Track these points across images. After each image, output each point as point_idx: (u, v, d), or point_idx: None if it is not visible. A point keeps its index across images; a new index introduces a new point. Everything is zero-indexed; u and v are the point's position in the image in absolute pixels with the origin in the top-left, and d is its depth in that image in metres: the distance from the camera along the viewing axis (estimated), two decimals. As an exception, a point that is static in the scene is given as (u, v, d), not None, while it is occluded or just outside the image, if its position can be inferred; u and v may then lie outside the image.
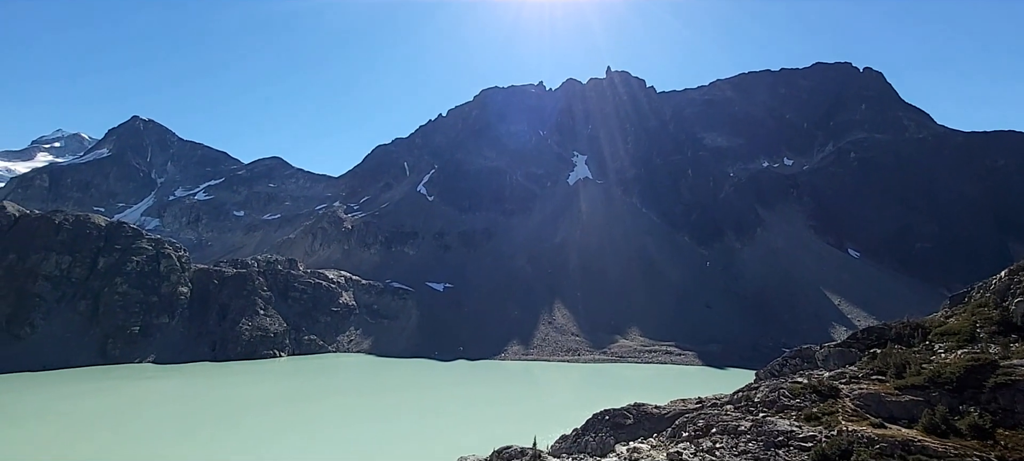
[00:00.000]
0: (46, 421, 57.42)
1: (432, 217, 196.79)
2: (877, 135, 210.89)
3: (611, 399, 35.35)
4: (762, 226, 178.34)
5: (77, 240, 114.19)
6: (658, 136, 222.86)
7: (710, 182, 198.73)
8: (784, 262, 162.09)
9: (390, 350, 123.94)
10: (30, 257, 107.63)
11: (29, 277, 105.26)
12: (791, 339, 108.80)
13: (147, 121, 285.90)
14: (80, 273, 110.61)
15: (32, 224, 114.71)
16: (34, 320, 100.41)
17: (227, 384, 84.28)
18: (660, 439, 18.97)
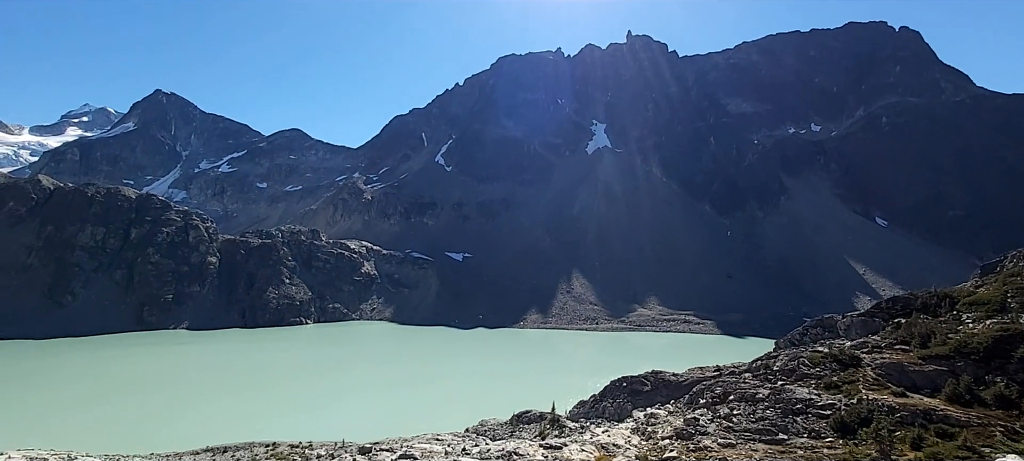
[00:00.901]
0: (89, 383, 60.85)
1: (450, 187, 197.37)
2: (911, 98, 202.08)
3: (629, 367, 35.86)
4: (786, 195, 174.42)
5: (109, 212, 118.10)
6: (680, 103, 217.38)
7: (733, 150, 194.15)
8: (808, 231, 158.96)
9: (411, 318, 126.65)
10: (67, 228, 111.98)
11: (67, 247, 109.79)
12: (813, 309, 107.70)
13: (169, 95, 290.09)
14: (114, 244, 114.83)
15: (66, 197, 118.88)
16: (74, 288, 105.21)
17: (257, 349, 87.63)
18: (677, 406, 19.31)
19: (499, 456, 14.17)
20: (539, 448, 14.84)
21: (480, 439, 24.72)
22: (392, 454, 19.48)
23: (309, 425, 38.21)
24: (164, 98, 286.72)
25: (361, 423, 39.47)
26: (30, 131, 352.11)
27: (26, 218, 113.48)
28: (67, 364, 71.46)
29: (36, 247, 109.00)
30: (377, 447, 23.80)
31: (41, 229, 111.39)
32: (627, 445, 14.92)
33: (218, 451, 31.09)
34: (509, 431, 28.34)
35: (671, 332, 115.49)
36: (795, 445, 12.83)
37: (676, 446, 13.69)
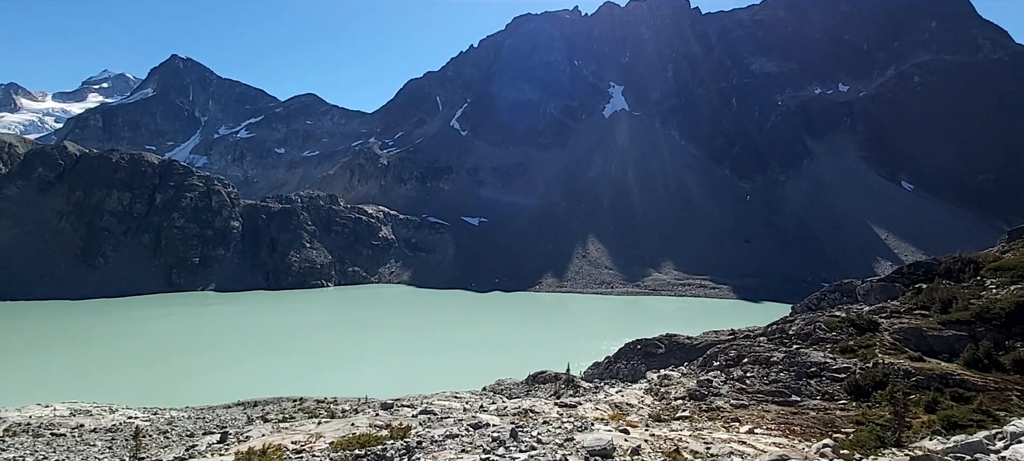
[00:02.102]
0: (124, 341, 63.87)
1: (466, 152, 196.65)
2: (946, 56, 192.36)
3: (643, 330, 36.27)
4: (809, 158, 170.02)
5: (134, 178, 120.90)
6: (701, 63, 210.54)
7: (755, 112, 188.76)
8: (830, 195, 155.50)
9: (428, 281, 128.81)
10: (94, 194, 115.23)
11: (96, 212, 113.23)
12: (832, 274, 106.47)
13: (186, 60, 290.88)
14: (140, 208, 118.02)
15: (92, 163, 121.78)
16: (105, 251, 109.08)
17: (281, 311, 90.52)
18: (691, 368, 19.64)
19: (516, 413, 14.71)
20: (554, 406, 15.36)
21: (497, 397, 25.54)
22: (413, 409, 20.30)
23: (332, 382, 39.79)
24: (181, 63, 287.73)
25: (382, 381, 40.98)
26: (53, 97, 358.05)
27: (55, 183, 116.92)
28: (102, 324, 74.87)
29: (66, 212, 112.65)
30: (398, 403, 24.77)
31: (70, 194, 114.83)
32: (640, 404, 15.35)
33: (248, 405, 32.69)
34: (525, 390, 29.17)
35: (686, 297, 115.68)
36: (808, 407, 13.07)
37: (689, 406, 14.04)
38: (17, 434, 24.43)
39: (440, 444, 10.98)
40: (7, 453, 21.19)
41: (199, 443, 19.48)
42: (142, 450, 19.78)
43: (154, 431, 24.84)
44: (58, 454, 21.19)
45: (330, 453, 11.69)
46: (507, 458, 9.01)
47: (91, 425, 26.49)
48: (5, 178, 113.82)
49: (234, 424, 25.48)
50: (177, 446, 20.61)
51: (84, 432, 25.08)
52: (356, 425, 16.33)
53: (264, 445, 12.54)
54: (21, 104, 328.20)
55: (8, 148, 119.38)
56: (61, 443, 23.13)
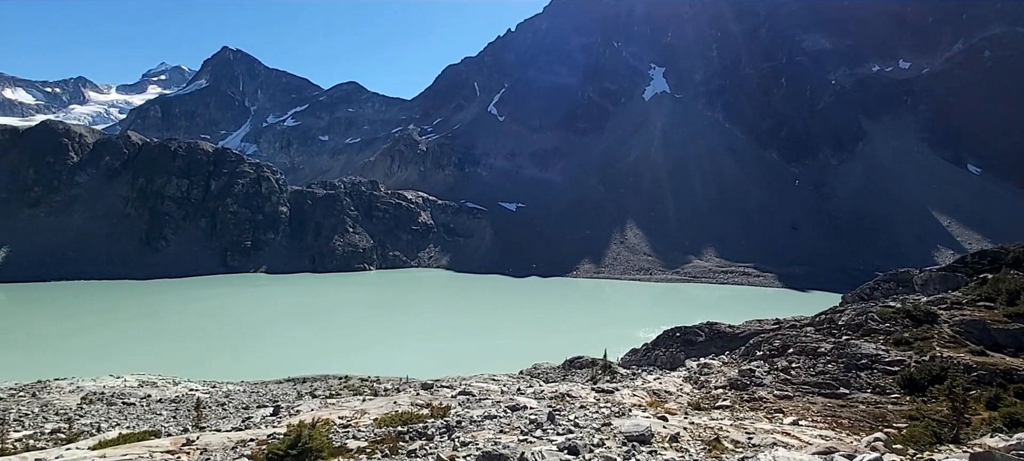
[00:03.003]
0: (182, 318, 68.17)
1: (503, 138, 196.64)
2: (1020, 28, 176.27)
3: (682, 318, 35.65)
4: (865, 140, 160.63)
5: (191, 165, 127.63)
6: (748, 42, 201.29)
7: (806, 92, 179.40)
8: (887, 179, 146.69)
9: (466, 266, 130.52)
10: (156, 180, 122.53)
11: (157, 198, 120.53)
12: (887, 263, 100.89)
13: (235, 51, 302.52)
14: (197, 194, 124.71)
15: (153, 151, 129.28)
16: (167, 235, 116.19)
17: (326, 292, 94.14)
18: (732, 357, 19.24)
19: (552, 397, 14.89)
20: (591, 392, 15.44)
21: (534, 381, 25.85)
22: (452, 390, 20.84)
23: (375, 362, 41.23)
24: (231, 55, 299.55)
25: (421, 362, 42.13)
26: (117, 90, 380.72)
27: (121, 171, 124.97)
28: (165, 302, 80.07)
29: (131, 198, 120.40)
30: (438, 384, 25.47)
31: (134, 181, 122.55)
32: (679, 392, 15.22)
33: (298, 381, 34.43)
34: (561, 375, 29.36)
35: (728, 284, 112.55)
36: (857, 400, 12.61)
37: (730, 395, 13.82)
38: (93, 402, 26.69)
39: (479, 424, 11.29)
40: (85, 419, 23.21)
41: (254, 415, 20.74)
42: (203, 420, 21.24)
43: (213, 403, 26.57)
44: (129, 421, 23.04)
45: (375, 429, 12.22)
46: (544, 440, 9.18)
47: (157, 395, 28.60)
48: (77, 166, 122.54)
49: (285, 398, 26.92)
50: (234, 417, 22.01)
51: (151, 402, 27.12)
52: (398, 403, 16.95)
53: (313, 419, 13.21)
54: (89, 97, 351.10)
55: (79, 138, 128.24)
56: (131, 411, 25.11)
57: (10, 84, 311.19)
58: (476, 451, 8.80)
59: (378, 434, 11.44)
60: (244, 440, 11.22)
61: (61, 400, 26.68)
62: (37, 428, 21.44)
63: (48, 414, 24.01)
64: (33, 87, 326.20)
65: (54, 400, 26.62)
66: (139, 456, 9.79)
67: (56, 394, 27.92)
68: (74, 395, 27.74)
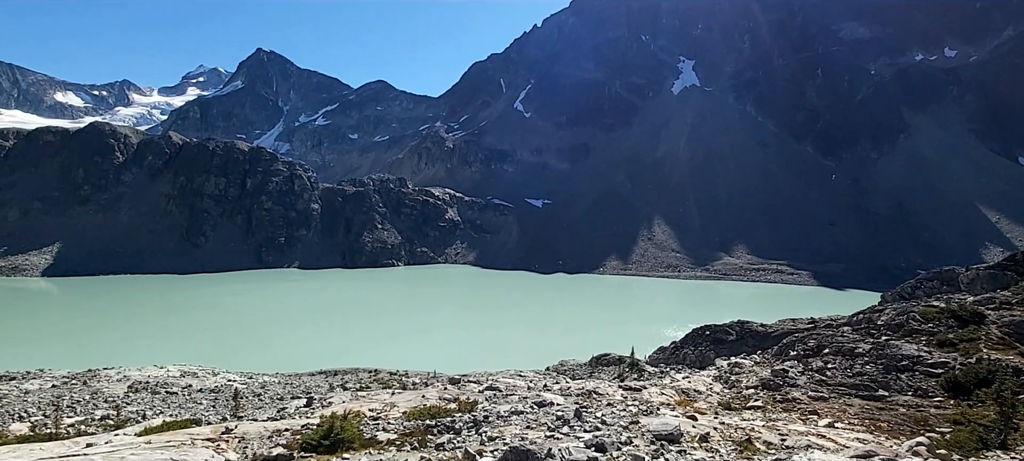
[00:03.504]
0: (221, 311, 70.74)
1: (529, 134, 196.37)
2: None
3: (712, 316, 34.97)
4: (907, 132, 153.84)
5: (228, 164, 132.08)
6: (781, 32, 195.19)
7: (844, 83, 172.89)
8: (931, 173, 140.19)
9: (493, 262, 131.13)
10: (195, 179, 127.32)
11: (197, 196, 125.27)
12: (930, 260, 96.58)
13: (269, 53, 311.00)
14: (234, 192, 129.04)
15: (192, 151, 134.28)
16: (206, 231, 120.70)
17: (356, 288, 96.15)
18: (764, 356, 18.80)
19: (579, 394, 14.86)
20: (618, 389, 15.34)
21: (560, 378, 25.83)
22: (479, 385, 21.03)
23: (403, 356, 41.95)
24: (265, 56, 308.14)
25: (448, 357, 42.65)
26: (158, 92, 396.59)
27: (163, 170, 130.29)
28: (204, 296, 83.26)
29: (172, 195, 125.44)
30: (465, 379, 25.73)
31: (175, 179, 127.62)
32: (709, 391, 14.97)
33: (330, 374, 35.31)
34: (588, 372, 29.25)
35: (760, 282, 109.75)
36: (897, 402, 12.16)
37: (761, 396, 13.52)
38: (139, 390, 28.01)
39: (505, 420, 11.38)
40: (132, 406, 24.39)
41: (288, 406, 21.40)
42: (240, 410, 22.05)
43: (249, 393, 27.53)
44: (172, 409, 24.10)
45: (404, 422, 12.46)
46: (571, 437, 9.19)
47: (197, 385, 29.80)
48: (123, 166, 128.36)
49: (318, 390, 27.68)
50: (269, 407, 22.76)
51: (192, 391, 28.29)
52: (427, 397, 17.21)
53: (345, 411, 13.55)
54: (133, 99, 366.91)
55: (124, 139, 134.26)
56: (173, 400, 26.25)
57: (61, 88, 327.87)
58: (503, 446, 8.89)
59: (407, 427, 11.67)
60: (279, 430, 11.61)
61: (109, 388, 28.11)
62: (88, 414, 22.67)
63: (98, 401, 25.33)
64: (82, 90, 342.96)
65: (103, 388, 28.07)
66: (182, 443, 10.26)
67: (105, 382, 29.42)
68: (121, 384, 29.18)
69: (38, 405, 23.96)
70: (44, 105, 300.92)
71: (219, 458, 9.52)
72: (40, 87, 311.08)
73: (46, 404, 23.94)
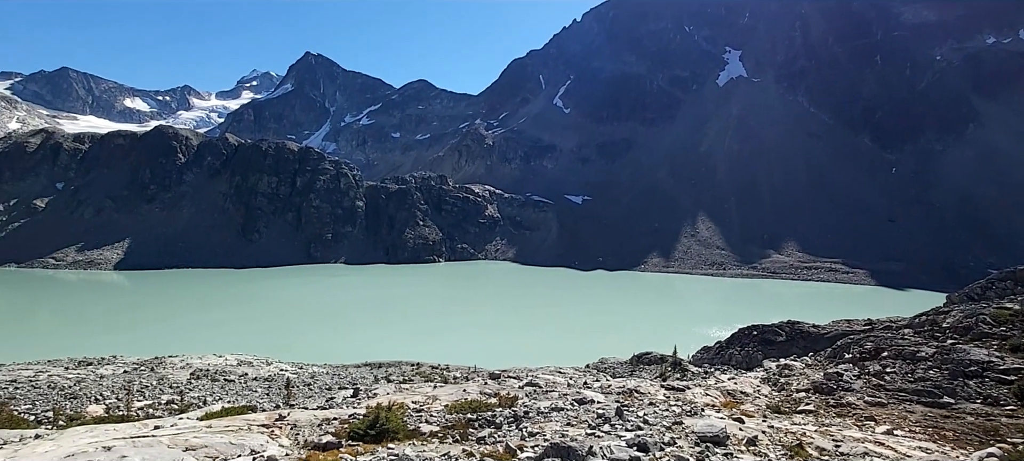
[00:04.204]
0: (273, 304, 74.12)
1: (568, 130, 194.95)
2: None
3: (759, 316, 33.74)
4: (976, 121, 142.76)
5: (279, 163, 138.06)
6: (837, 18, 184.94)
7: (906, 70, 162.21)
8: (1004, 164, 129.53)
9: (532, 259, 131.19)
10: (250, 178, 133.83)
11: (251, 194, 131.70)
12: (1003, 259, 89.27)
13: (317, 56, 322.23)
14: (285, 190, 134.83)
15: (247, 151, 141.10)
16: (259, 227, 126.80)
17: (399, 283, 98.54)
18: (816, 359, 18.01)
19: (620, 392, 14.72)
20: (660, 389, 15.09)
21: (600, 375, 25.62)
22: (518, 381, 21.18)
23: (444, 350, 42.71)
24: (313, 60, 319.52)
25: (488, 352, 43.06)
26: (216, 96, 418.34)
27: (220, 170, 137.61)
28: (258, 289, 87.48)
29: (229, 193, 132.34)
30: (505, 374, 25.96)
31: (232, 179, 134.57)
32: (756, 394, 14.50)
33: (374, 366, 36.46)
34: (629, 371, 28.88)
35: (812, 281, 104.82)
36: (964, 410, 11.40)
37: (813, 399, 12.98)
38: (200, 377, 29.81)
39: (546, 416, 11.43)
40: (194, 392, 26.00)
41: (336, 396, 22.26)
42: (292, 398, 23.10)
43: (300, 383, 28.81)
44: (229, 396, 25.52)
45: (446, 415, 12.73)
46: (613, 435, 9.13)
47: (253, 374, 31.42)
48: (185, 167, 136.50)
49: (363, 381, 28.63)
50: (318, 397, 23.75)
51: (248, 379, 29.86)
52: (467, 391, 17.48)
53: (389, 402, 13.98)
54: (193, 103, 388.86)
55: (185, 141, 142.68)
56: (231, 387, 27.80)
57: (129, 94, 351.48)
58: (544, 442, 8.95)
59: (449, 420, 11.92)
60: (328, 418, 12.12)
61: (174, 375, 30.06)
62: (155, 398, 24.35)
63: (164, 387, 27.15)
64: (148, 96, 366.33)
65: (168, 375, 30.03)
66: (239, 428, 10.88)
67: (170, 369, 31.48)
68: (184, 371, 31.14)
69: (111, 389, 25.94)
70: (115, 110, 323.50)
71: (273, 444, 10.05)
72: (111, 94, 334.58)
73: (119, 388, 25.88)
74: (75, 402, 23.28)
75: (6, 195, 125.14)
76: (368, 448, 9.17)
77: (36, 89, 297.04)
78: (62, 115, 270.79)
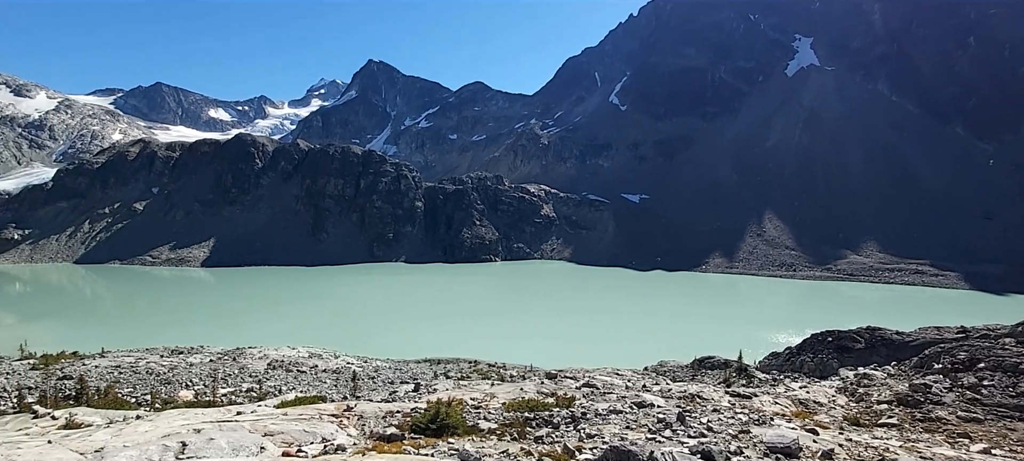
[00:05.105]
0: (339, 300, 78.05)
1: (625, 127, 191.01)
2: None
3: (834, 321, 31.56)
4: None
5: (345, 166, 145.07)
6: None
7: (1005, 51, 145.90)
8: None
9: (588, 258, 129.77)
10: (318, 181, 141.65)
11: (320, 196, 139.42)
12: None
13: (379, 63, 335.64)
14: (350, 192, 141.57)
15: (316, 156, 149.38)
16: (327, 228, 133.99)
17: (456, 281, 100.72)
18: (900, 368, 16.64)
19: (681, 397, 14.31)
20: (725, 394, 14.53)
21: (660, 379, 24.98)
22: (575, 381, 21.07)
23: (500, 348, 43.18)
24: (375, 67, 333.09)
25: (543, 352, 43.06)
26: (288, 105, 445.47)
27: (293, 174, 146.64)
28: (326, 286, 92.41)
29: (300, 196, 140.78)
30: (562, 374, 25.90)
31: (302, 182, 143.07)
32: (831, 404, 13.63)
33: (433, 362, 37.52)
34: (690, 375, 27.93)
35: (895, 284, 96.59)
36: (1078, 431, 10.15)
37: (897, 412, 12.04)
38: (275, 368, 31.93)
39: (604, 418, 11.34)
40: (270, 381, 27.88)
41: (398, 390, 23.13)
42: (358, 390, 24.27)
43: (365, 376, 30.16)
44: (301, 386, 27.15)
45: (503, 412, 12.92)
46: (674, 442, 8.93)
47: (322, 366, 33.25)
48: (261, 171, 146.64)
49: (423, 377, 29.54)
50: (382, 390, 24.77)
51: (317, 371, 31.63)
52: (524, 390, 17.63)
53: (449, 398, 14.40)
54: (268, 112, 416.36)
55: (262, 148, 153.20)
56: (303, 378, 29.56)
57: (213, 105, 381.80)
58: (602, 444, 8.89)
59: (506, 418, 12.09)
60: (392, 411, 12.66)
61: (252, 365, 32.37)
62: (236, 386, 26.36)
63: (244, 376, 29.31)
64: (229, 107, 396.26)
65: (248, 364, 32.38)
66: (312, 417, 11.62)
67: (249, 359, 33.94)
68: (262, 361, 33.45)
69: (199, 376, 28.35)
70: (201, 120, 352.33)
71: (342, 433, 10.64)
72: (197, 105, 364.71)
73: (205, 376, 28.23)
74: (168, 387, 25.66)
75: (111, 199, 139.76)
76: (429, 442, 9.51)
77: (135, 103, 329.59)
78: (157, 126, 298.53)
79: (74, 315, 66.63)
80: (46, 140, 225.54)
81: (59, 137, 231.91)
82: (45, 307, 73.87)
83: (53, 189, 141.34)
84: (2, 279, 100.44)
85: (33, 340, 40.13)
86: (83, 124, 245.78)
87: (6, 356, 33.82)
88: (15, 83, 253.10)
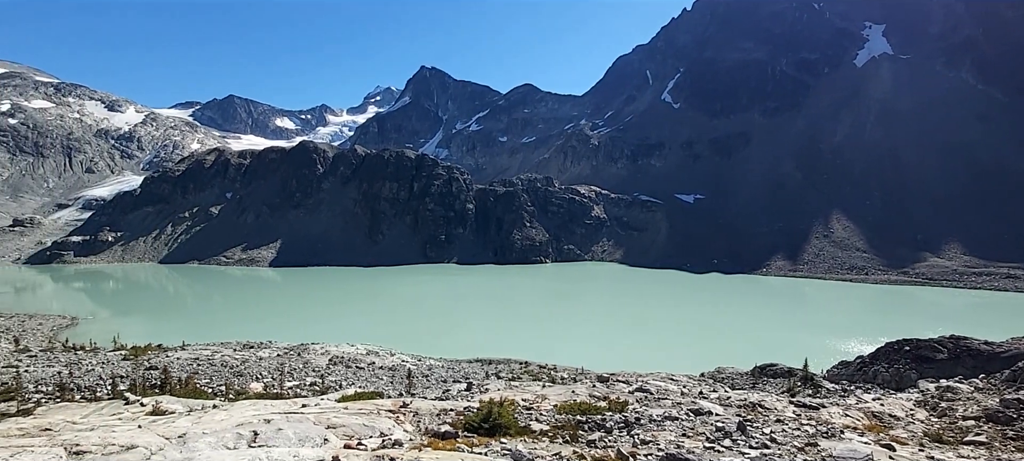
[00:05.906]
0: (395, 300, 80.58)
1: (679, 125, 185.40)
2: None
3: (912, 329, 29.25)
4: None
5: (399, 170, 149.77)
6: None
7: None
8: None
9: (641, 260, 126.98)
10: (374, 184, 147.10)
11: (376, 199, 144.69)
12: None
13: (431, 69, 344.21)
14: (404, 195, 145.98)
15: (372, 160, 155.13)
16: (383, 230, 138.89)
17: (507, 283, 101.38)
18: (989, 382, 15.23)
19: (741, 405, 13.76)
20: (789, 405, 13.84)
21: (718, 386, 24.10)
22: (628, 386, 20.72)
23: (551, 350, 43.03)
24: (427, 73, 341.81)
25: (595, 354, 42.48)
26: (347, 112, 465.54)
27: (351, 178, 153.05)
28: (382, 286, 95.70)
29: (358, 199, 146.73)
30: (614, 378, 25.54)
31: (360, 185, 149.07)
32: (909, 419, 12.68)
33: (485, 362, 38.01)
34: (750, 382, 26.75)
35: (983, 289, 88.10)
36: None
37: (985, 429, 11.04)
38: (336, 364, 33.43)
39: (659, 424, 11.11)
40: (331, 376, 29.23)
41: (451, 389, 23.63)
42: (413, 387, 25.00)
43: (419, 374, 31.01)
44: (360, 381, 28.29)
45: (555, 415, 12.94)
46: (734, 452, 8.64)
47: (379, 363, 34.49)
48: (322, 176, 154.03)
49: (475, 377, 30.00)
50: (436, 388, 25.39)
51: (375, 367, 32.85)
52: (576, 393, 17.55)
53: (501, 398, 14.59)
54: (328, 119, 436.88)
55: (323, 154, 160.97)
56: (361, 374, 30.79)
57: (279, 114, 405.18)
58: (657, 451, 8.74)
59: (558, 420, 12.10)
60: (445, 409, 12.99)
61: (315, 360, 34.07)
62: (301, 380, 27.84)
63: (308, 370, 30.91)
64: (293, 115, 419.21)
65: (311, 360, 34.12)
66: (370, 412, 12.12)
67: (312, 355, 35.74)
68: (323, 357, 35.14)
69: (268, 370, 30.16)
70: (268, 129, 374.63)
71: (399, 429, 11.05)
72: (265, 115, 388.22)
73: (273, 370, 30.00)
74: (240, 379, 27.47)
75: (190, 204, 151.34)
76: (482, 440, 9.70)
77: (210, 114, 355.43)
78: (230, 135, 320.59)
79: (159, 311, 72.66)
80: (135, 150, 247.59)
81: (146, 147, 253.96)
82: (134, 303, 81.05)
83: (141, 195, 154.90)
84: (99, 277, 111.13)
85: (125, 333, 44.14)
86: (166, 135, 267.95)
87: (102, 347, 37.42)
88: (108, 99, 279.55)
